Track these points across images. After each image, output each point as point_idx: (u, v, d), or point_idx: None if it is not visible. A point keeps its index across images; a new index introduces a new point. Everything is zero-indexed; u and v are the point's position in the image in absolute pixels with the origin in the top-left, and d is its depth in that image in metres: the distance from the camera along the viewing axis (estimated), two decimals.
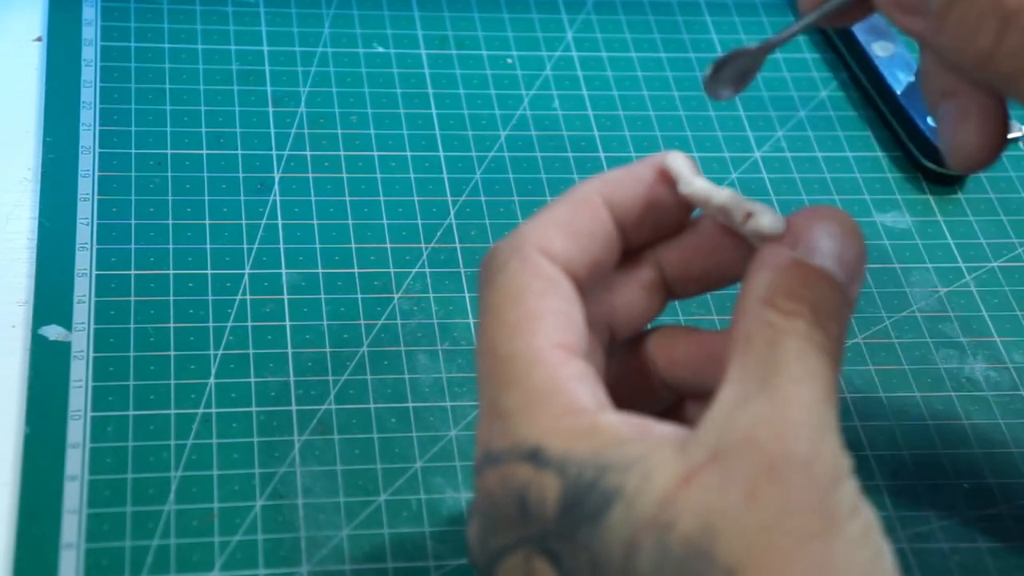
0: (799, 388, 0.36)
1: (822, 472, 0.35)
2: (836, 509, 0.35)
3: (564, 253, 0.39)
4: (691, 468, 0.35)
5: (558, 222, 0.40)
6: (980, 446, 0.54)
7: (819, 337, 0.37)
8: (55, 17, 0.67)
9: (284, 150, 0.62)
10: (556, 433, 0.37)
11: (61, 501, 0.48)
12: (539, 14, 0.71)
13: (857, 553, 0.35)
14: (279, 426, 0.52)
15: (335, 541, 0.48)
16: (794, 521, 0.35)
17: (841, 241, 0.38)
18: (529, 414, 0.37)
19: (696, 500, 0.35)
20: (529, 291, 0.39)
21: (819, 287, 0.38)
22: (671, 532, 0.35)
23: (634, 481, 0.36)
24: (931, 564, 0.50)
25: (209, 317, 0.55)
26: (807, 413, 0.36)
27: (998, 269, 0.61)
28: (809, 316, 0.37)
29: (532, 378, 0.38)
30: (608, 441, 0.37)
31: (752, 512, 0.35)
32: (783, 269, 0.38)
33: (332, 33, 0.68)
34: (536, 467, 0.37)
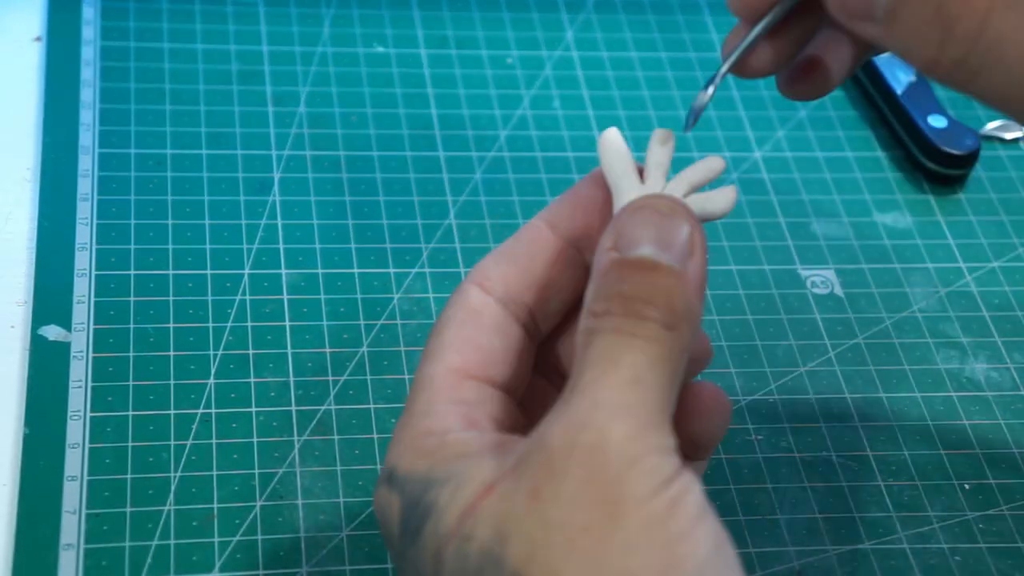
0: (594, 379, 0.36)
1: (610, 459, 0.35)
2: (625, 495, 0.34)
3: (501, 280, 0.41)
4: (497, 476, 0.36)
5: (498, 253, 0.41)
6: (980, 446, 0.54)
7: (631, 325, 0.36)
8: (55, 17, 0.66)
9: (284, 150, 0.62)
10: (407, 453, 0.38)
11: (61, 501, 0.48)
12: (539, 14, 0.71)
13: (651, 535, 0.34)
14: (279, 426, 0.52)
15: (335, 541, 0.48)
16: (572, 514, 0.34)
17: (657, 225, 0.38)
18: (398, 436, 0.39)
19: (493, 508, 0.35)
20: (449, 323, 0.40)
21: (632, 278, 0.37)
22: (470, 542, 0.35)
23: (446, 494, 0.36)
24: (931, 564, 0.50)
25: (209, 317, 0.55)
26: (597, 399, 0.35)
27: (998, 269, 0.61)
28: (619, 309, 0.37)
29: (416, 402, 0.39)
30: (444, 457, 0.37)
31: (535, 511, 0.35)
32: (603, 273, 0.38)
33: (332, 33, 0.68)
34: (389, 488, 0.38)
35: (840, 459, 0.53)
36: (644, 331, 0.36)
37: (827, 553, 0.50)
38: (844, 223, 0.62)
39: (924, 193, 0.64)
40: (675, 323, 0.37)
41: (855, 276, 0.60)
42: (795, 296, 0.59)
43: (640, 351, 0.36)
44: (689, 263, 0.38)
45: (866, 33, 0.40)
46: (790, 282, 0.59)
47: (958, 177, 0.64)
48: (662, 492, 0.34)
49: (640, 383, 0.36)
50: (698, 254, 0.38)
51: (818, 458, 0.53)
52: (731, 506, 0.51)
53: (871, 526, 0.51)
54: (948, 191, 0.64)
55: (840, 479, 0.52)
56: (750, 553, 0.49)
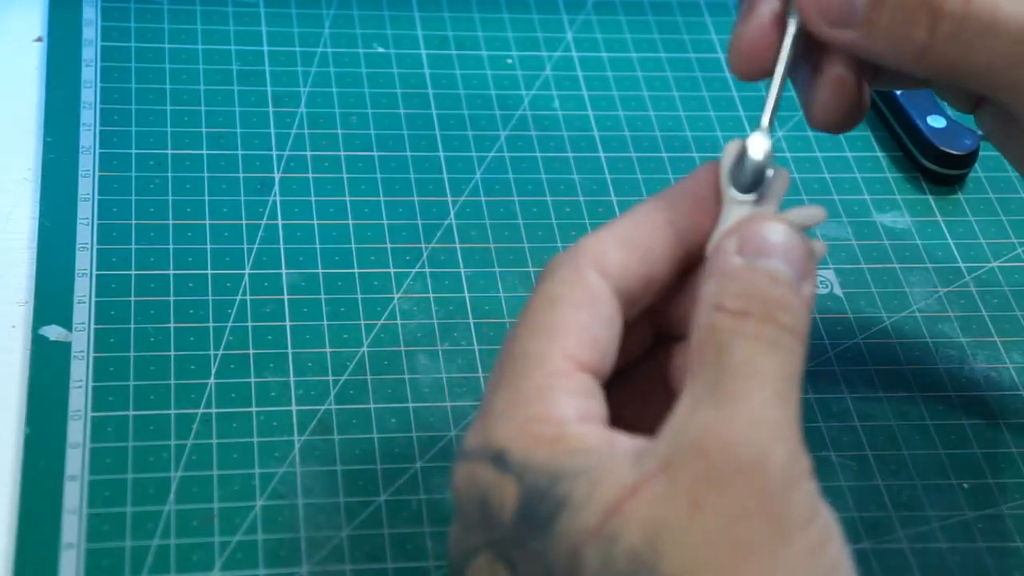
0: (747, 389, 0.36)
1: (773, 476, 0.34)
2: (788, 515, 0.34)
3: (618, 266, 0.39)
4: (640, 478, 0.35)
5: (617, 236, 0.40)
6: (980, 446, 0.54)
7: (770, 333, 0.36)
8: (55, 17, 0.67)
9: (284, 150, 0.62)
10: (522, 438, 0.37)
11: (61, 501, 0.48)
12: (539, 14, 0.71)
13: (810, 562, 0.34)
14: (279, 426, 0.52)
15: (335, 541, 0.48)
16: (740, 530, 0.34)
17: (785, 241, 0.38)
18: (505, 416, 0.37)
19: (642, 511, 0.35)
20: (565, 301, 0.39)
21: (766, 285, 0.37)
22: (616, 543, 0.35)
23: (582, 490, 0.35)
24: (931, 564, 0.50)
25: (209, 317, 0.55)
26: (755, 414, 0.35)
27: (998, 269, 0.61)
28: (759, 311, 0.37)
29: (525, 382, 0.38)
30: (567, 449, 0.36)
31: (696, 522, 0.34)
32: (730, 274, 0.38)
33: (332, 33, 0.68)
34: (498, 470, 0.37)
35: (840, 459, 0.53)
36: (784, 342, 0.36)
37: None
38: (843, 223, 0.62)
39: (923, 193, 0.64)
40: (804, 338, 0.37)
41: (854, 276, 0.60)
42: None
43: (783, 364, 0.36)
44: (805, 284, 0.38)
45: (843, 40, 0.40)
46: None
47: (957, 177, 0.64)
48: (816, 519, 0.35)
49: (787, 400, 0.36)
50: (813, 277, 0.39)
51: (818, 458, 0.52)
52: None
53: (870, 526, 0.51)
54: (947, 191, 0.64)
55: (839, 479, 0.52)
56: None
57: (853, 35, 0.40)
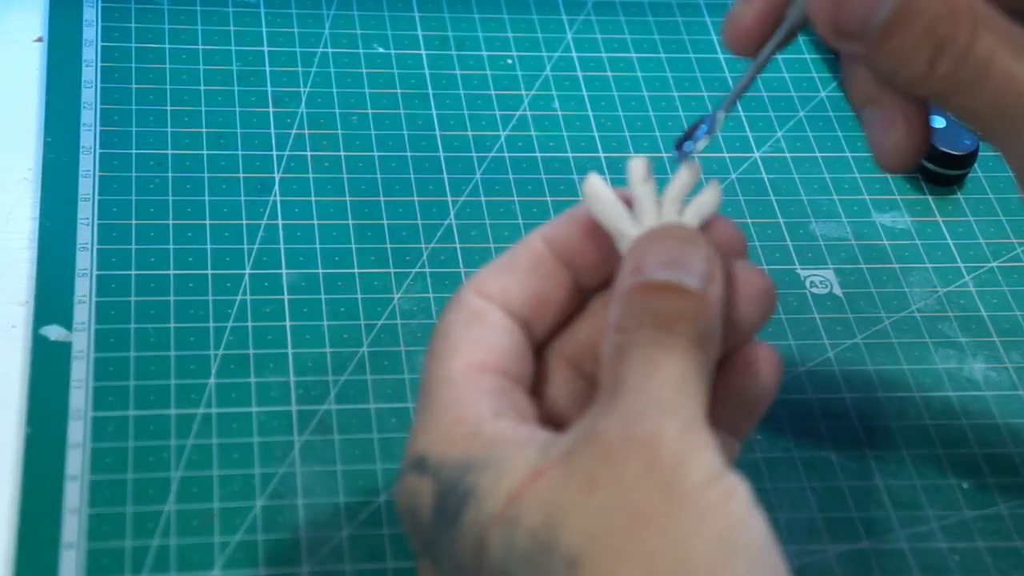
0: (640, 382, 0.37)
1: (664, 446, 0.36)
2: (682, 484, 0.35)
3: (499, 291, 0.42)
4: (542, 465, 0.36)
5: (496, 266, 0.42)
6: (979, 446, 0.54)
7: (664, 339, 0.38)
8: (56, 17, 0.67)
9: (284, 150, 0.62)
10: (439, 440, 0.39)
11: (62, 501, 0.48)
12: (539, 14, 0.71)
13: (705, 525, 0.35)
14: (279, 426, 0.52)
15: (335, 541, 0.48)
16: (632, 499, 0.35)
17: (678, 251, 0.39)
18: (425, 427, 0.39)
19: (542, 495, 0.36)
20: (455, 325, 0.41)
21: (660, 298, 0.38)
22: (516, 527, 0.36)
23: (488, 479, 0.37)
24: (931, 564, 0.50)
25: (209, 317, 0.55)
26: (648, 397, 0.36)
27: (997, 269, 0.61)
28: (650, 323, 0.38)
29: (438, 396, 0.40)
30: (481, 443, 0.38)
31: (591, 499, 0.35)
32: (628, 295, 0.39)
33: (332, 33, 0.68)
34: (419, 474, 0.39)
35: (839, 459, 0.53)
36: (679, 344, 0.38)
37: (826, 553, 0.50)
38: (843, 223, 0.62)
39: (923, 193, 0.64)
40: (702, 342, 0.38)
41: (854, 276, 0.60)
42: (794, 296, 0.59)
43: (679, 361, 0.37)
44: (710, 287, 0.39)
45: (850, 49, 0.41)
46: (789, 282, 0.59)
47: (957, 177, 0.64)
48: (716, 482, 0.35)
49: (683, 388, 0.37)
50: (717, 279, 0.39)
51: (817, 458, 0.53)
52: None
53: (870, 526, 0.51)
54: (947, 191, 0.64)
55: (839, 479, 0.52)
56: None
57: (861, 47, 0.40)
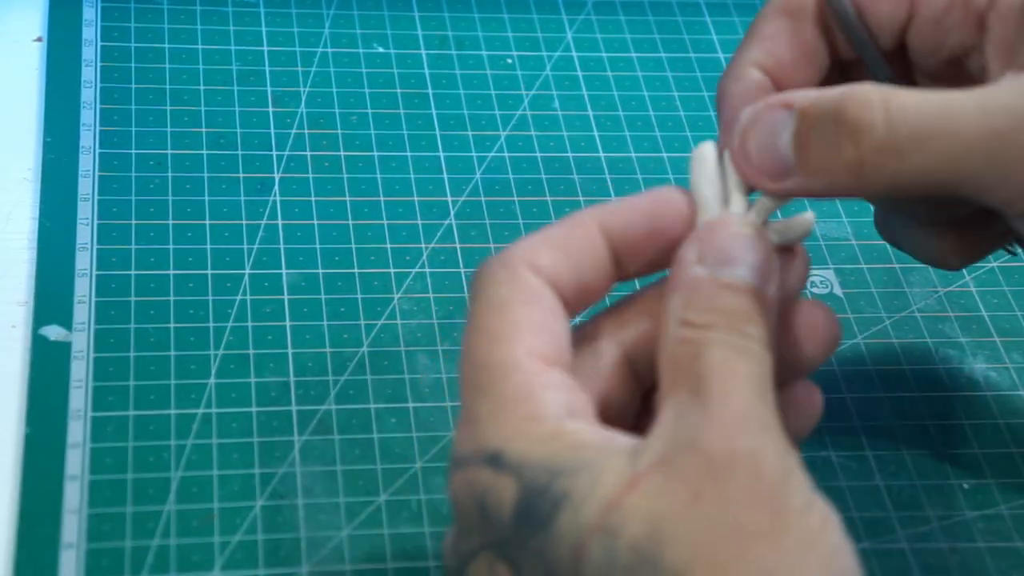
0: (727, 390, 0.36)
1: (769, 467, 0.35)
2: (786, 505, 0.35)
3: (552, 269, 0.40)
4: (637, 473, 0.35)
5: (550, 240, 0.40)
6: (980, 446, 0.54)
7: (738, 341, 0.37)
8: (55, 17, 0.67)
9: (284, 150, 0.62)
10: (518, 437, 0.37)
11: (61, 501, 0.48)
12: (539, 14, 0.71)
13: (810, 551, 0.34)
14: (279, 426, 0.52)
15: (335, 541, 0.48)
16: (740, 519, 0.34)
17: (743, 249, 0.39)
18: (496, 419, 0.38)
19: (642, 504, 0.35)
20: (512, 302, 0.39)
21: (727, 295, 0.38)
22: (618, 538, 0.35)
23: (582, 486, 0.36)
24: (931, 564, 0.50)
25: (209, 317, 0.55)
26: (742, 411, 0.36)
27: (998, 269, 0.61)
28: (723, 324, 0.37)
29: (505, 385, 0.38)
30: (565, 446, 0.37)
31: (697, 513, 0.34)
32: (692, 287, 0.38)
33: (332, 33, 0.68)
34: (495, 471, 0.37)
35: (839, 459, 0.53)
36: (751, 348, 0.37)
37: None
38: (843, 223, 0.62)
39: None
40: (770, 345, 0.38)
41: (854, 276, 0.60)
42: None
43: (755, 367, 0.37)
44: (768, 288, 0.39)
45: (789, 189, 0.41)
46: None
47: None
48: (814, 508, 0.35)
49: (766, 400, 0.37)
50: (773, 283, 0.39)
51: (817, 458, 0.53)
52: None
53: (870, 526, 0.51)
54: None
55: (839, 479, 0.52)
56: None
57: (795, 181, 0.41)
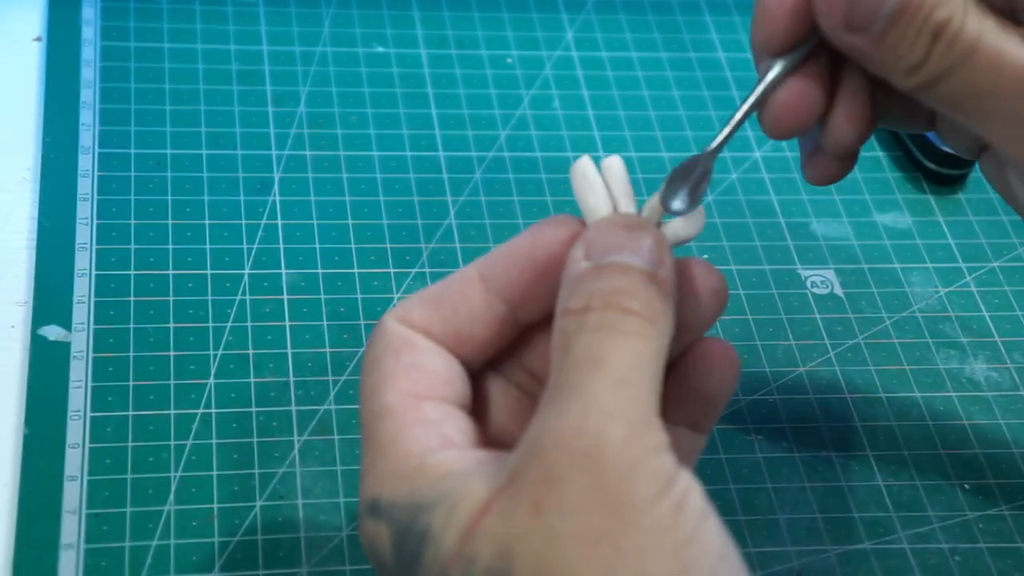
0: (582, 381, 0.36)
1: (608, 462, 0.34)
2: (631, 499, 0.34)
3: (422, 321, 0.40)
4: (491, 495, 0.35)
5: (422, 297, 0.41)
6: (981, 446, 0.54)
7: (612, 319, 0.36)
8: (55, 17, 0.66)
9: (284, 150, 0.62)
10: (387, 480, 0.38)
11: (60, 501, 0.48)
12: (539, 14, 0.71)
13: (659, 544, 0.34)
14: (279, 426, 0.52)
15: (335, 541, 0.48)
16: (579, 524, 0.34)
17: (627, 236, 0.39)
18: (373, 467, 0.38)
19: (492, 528, 0.35)
20: (384, 355, 0.40)
21: (606, 276, 0.38)
22: (474, 564, 0.35)
23: (440, 518, 0.36)
24: (932, 564, 0.50)
25: (209, 317, 0.55)
26: (588, 403, 0.35)
27: (998, 269, 0.61)
28: (599, 304, 0.37)
29: (379, 432, 0.38)
30: (427, 480, 0.37)
31: (538, 525, 0.34)
32: (575, 278, 0.38)
33: (332, 33, 0.68)
34: (375, 519, 0.38)
35: (840, 459, 0.53)
36: (626, 326, 0.36)
37: (827, 553, 0.50)
38: (844, 223, 0.62)
39: (924, 193, 0.64)
40: (655, 316, 0.37)
41: (855, 276, 0.60)
42: (795, 296, 0.59)
43: (625, 348, 0.36)
44: (659, 269, 0.38)
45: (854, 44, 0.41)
46: (790, 282, 0.59)
47: (958, 177, 0.64)
48: (666, 495, 0.34)
49: (629, 382, 0.36)
50: (667, 264, 0.39)
51: (818, 458, 0.53)
52: (731, 506, 0.51)
53: (871, 526, 0.51)
54: (948, 191, 0.64)
55: (840, 479, 0.52)
56: (750, 553, 0.49)
57: (863, 41, 0.41)
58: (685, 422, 0.41)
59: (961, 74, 0.40)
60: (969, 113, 0.41)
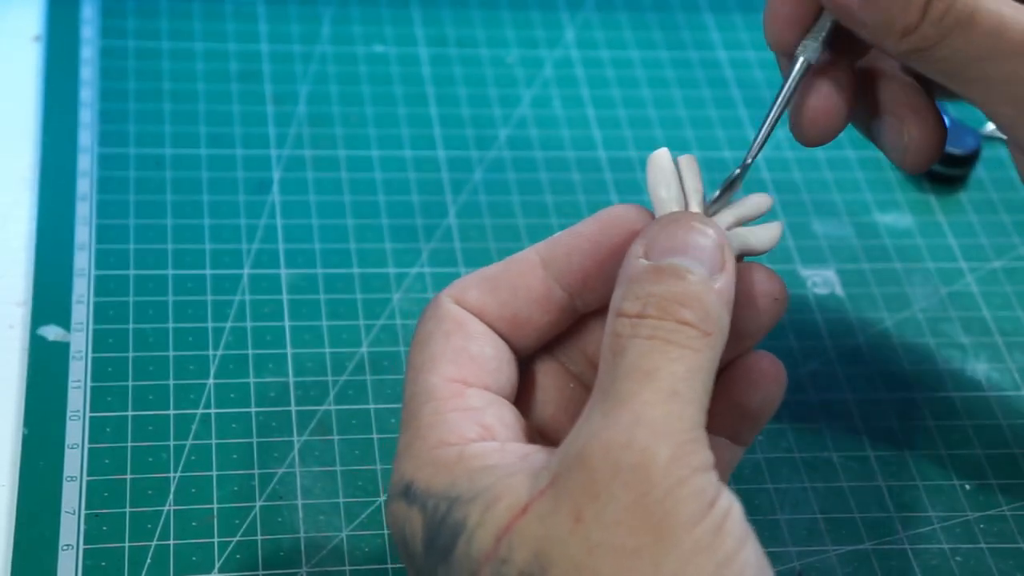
0: (632, 390, 0.35)
1: (654, 478, 0.34)
2: (671, 517, 0.34)
3: (477, 301, 0.40)
4: (530, 496, 0.35)
5: (480, 276, 0.41)
6: (982, 447, 0.54)
7: (667, 328, 0.36)
8: (54, 16, 0.66)
9: (283, 149, 0.62)
10: (424, 467, 0.37)
11: (60, 502, 0.48)
12: (539, 13, 0.71)
13: (702, 560, 0.34)
14: (278, 427, 0.52)
15: (335, 541, 0.48)
16: (619, 538, 0.34)
17: (689, 237, 0.38)
18: (410, 450, 0.38)
19: (530, 529, 0.35)
20: (433, 334, 0.40)
21: (664, 280, 0.37)
22: (508, 565, 0.35)
23: (476, 513, 0.36)
24: (933, 565, 0.50)
25: (208, 317, 0.55)
26: (637, 415, 0.35)
27: (999, 269, 0.61)
28: (655, 310, 0.36)
29: (420, 415, 0.38)
30: (465, 471, 0.37)
31: (578, 535, 0.34)
32: (632, 277, 0.38)
33: (332, 32, 0.68)
34: (408, 503, 0.37)
35: (841, 459, 0.53)
36: (680, 337, 0.36)
37: (828, 553, 0.50)
38: (845, 223, 0.62)
39: (925, 193, 0.64)
40: (710, 328, 0.37)
41: (856, 276, 0.60)
42: (795, 296, 0.59)
43: (677, 360, 0.36)
44: (719, 277, 0.38)
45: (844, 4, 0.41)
46: (790, 282, 0.59)
47: (959, 177, 0.64)
48: (708, 515, 0.34)
49: (679, 396, 0.35)
50: (728, 270, 0.38)
51: (819, 458, 0.53)
52: None
53: (872, 526, 0.51)
54: (949, 191, 0.64)
55: (841, 479, 0.52)
56: None
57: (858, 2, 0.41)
58: (726, 433, 0.41)
59: (960, 38, 0.40)
60: (965, 79, 0.41)
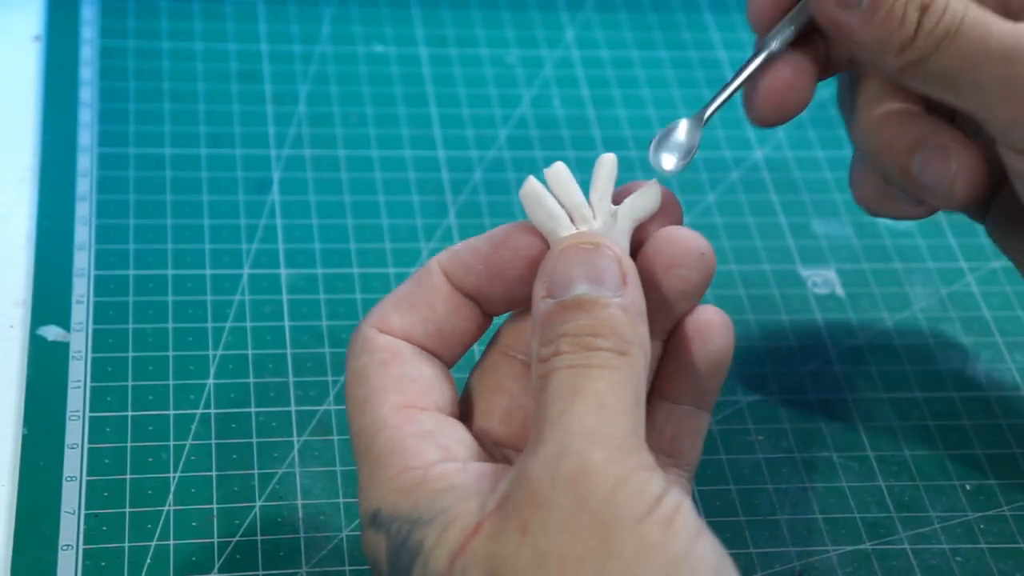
0: (561, 411, 0.36)
1: (592, 481, 0.34)
2: (616, 518, 0.34)
3: (402, 325, 0.41)
4: (482, 516, 0.36)
5: (396, 299, 0.41)
6: (982, 447, 0.54)
7: (584, 357, 0.37)
8: (54, 16, 0.66)
9: (283, 149, 0.62)
10: (390, 493, 0.38)
11: (59, 502, 0.48)
12: (539, 13, 0.71)
13: (651, 559, 0.34)
14: (278, 427, 0.52)
15: (334, 541, 0.48)
16: (565, 545, 0.34)
17: (584, 263, 0.39)
18: (373, 480, 0.38)
19: (482, 549, 0.35)
20: (369, 367, 0.40)
21: (570, 317, 0.38)
22: None
23: (433, 535, 0.36)
24: (933, 565, 0.50)
25: (208, 317, 0.55)
26: (568, 429, 0.35)
27: (999, 269, 0.61)
28: (568, 347, 0.37)
29: (375, 445, 0.39)
30: (426, 494, 0.37)
31: (525, 547, 0.34)
32: (544, 321, 0.38)
33: (332, 32, 0.68)
34: (376, 530, 0.38)
35: (841, 459, 0.53)
36: (598, 361, 0.37)
37: (828, 553, 0.50)
38: (845, 223, 0.62)
39: None
40: (625, 348, 0.37)
41: (856, 276, 0.60)
42: (795, 296, 0.59)
43: (599, 379, 0.36)
44: (625, 292, 0.38)
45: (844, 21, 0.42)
46: (790, 282, 0.59)
47: None
48: (654, 512, 0.34)
49: (607, 407, 0.36)
50: (631, 283, 0.39)
51: (818, 458, 0.53)
52: (731, 506, 0.51)
53: (872, 526, 0.50)
54: None
55: (841, 479, 0.52)
56: (750, 553, 0.49)
57: (854, 18, 0.42)
58: (688, 400, 0.42)
59: (951, 47, 0.42)
60: (959, 86, 0.42)
